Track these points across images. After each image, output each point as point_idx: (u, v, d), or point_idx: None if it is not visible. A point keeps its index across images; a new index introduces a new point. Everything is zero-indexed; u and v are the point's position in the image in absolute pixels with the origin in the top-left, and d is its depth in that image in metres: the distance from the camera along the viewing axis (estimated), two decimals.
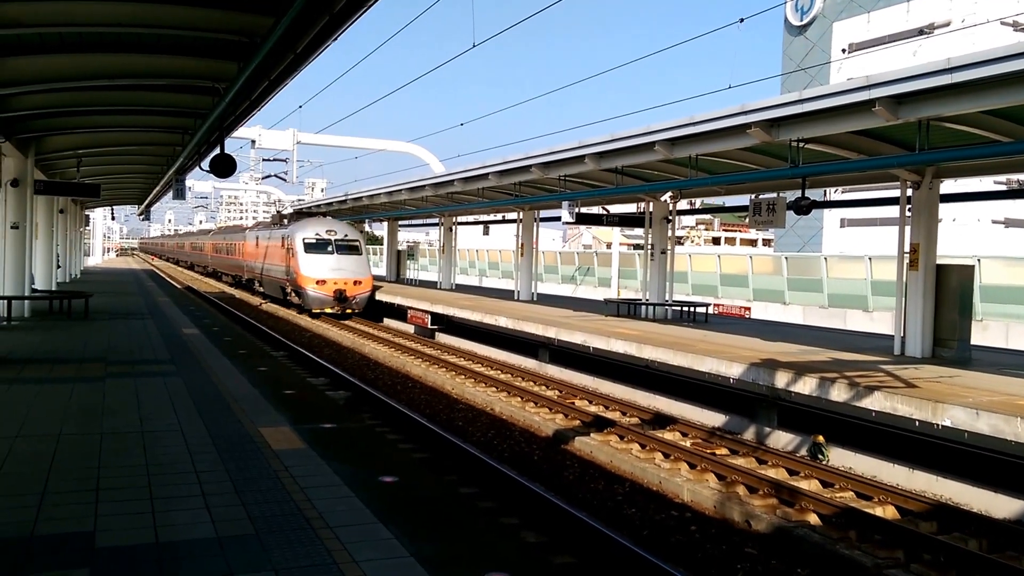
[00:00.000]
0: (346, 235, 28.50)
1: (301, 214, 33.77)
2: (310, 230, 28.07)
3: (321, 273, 26.78)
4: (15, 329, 14.67)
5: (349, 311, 26.91)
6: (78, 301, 17.73)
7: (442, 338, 22.79)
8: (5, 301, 15.76)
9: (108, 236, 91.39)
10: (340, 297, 26.57)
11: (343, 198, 33.26)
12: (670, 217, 19.58)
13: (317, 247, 27.51)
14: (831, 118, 11.02)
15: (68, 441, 6.70)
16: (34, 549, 4.40)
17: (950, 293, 12.61)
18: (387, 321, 27.48)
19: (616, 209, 23.99)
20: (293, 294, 28.36)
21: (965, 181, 19.31)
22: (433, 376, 16.30)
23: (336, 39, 8.86)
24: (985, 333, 19.99)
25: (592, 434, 11.38)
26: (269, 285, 32.58)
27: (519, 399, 14.04)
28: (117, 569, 4.17)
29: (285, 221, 32.87)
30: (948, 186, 14.66)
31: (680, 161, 15.20)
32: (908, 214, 12.98)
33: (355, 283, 27.06)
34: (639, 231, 22.92)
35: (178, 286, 38.31)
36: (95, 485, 5.53)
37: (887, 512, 8.41)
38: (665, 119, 13.91)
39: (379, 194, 29.23)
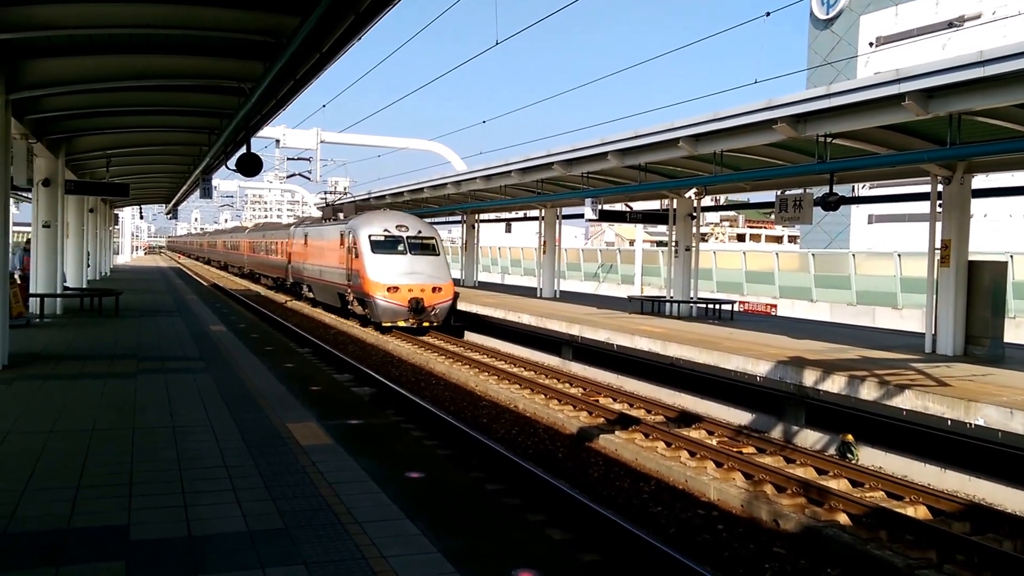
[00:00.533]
0: (420, 231, 23.61)
1: (361, 206, 28.95)
2: (376, 225, 23.23)
3: (392, 278, 21.86)
4: (48, 326, 14.91)
5: (426, 324, 22.10)
6: (108, 299, 17.99)
7: (465, 335, 22.83)
8: (38, 299, 16.02)
9: (136, 235, 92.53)
10: (416, 307, 21.56)
11: (366, 196, 33.44)
12: (694, 214, 19.46)
13: (386, 245, 22.64)
14: (859, 113, 10.90)
15: (101, 436, 6.80)
16: (71, 542, 4.47)
17: (982, 290, 12.42)
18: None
19: (639, 206, 23.89)
20: (355, 303, 23.83)
21: (997, 176, 19.01)
22: (457, 373, 16.34)
23: (360, 38, 8.91)
24: (1019, 331, 19.68)
25: (617, 432, 11.35)
26: (323, 291, 27.94)
27: (543, 396, 14.03)
28: (152, 562, 4.22)
29: (341, 215, 28.55)
30: (979, 181, 14.44)
31: (704, 157, 15.11)
32: (939, 210, 12.80)
33: (434, 290, 22.10)
34: (662, 228, 22.83)
35: (205, 284, 38.73)
36: (128, 479, 5.60)
37: (919, 512, 8.30)
38: (689, 115, 13.86)
39: (402, 192, 29.38)
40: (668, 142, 14.40)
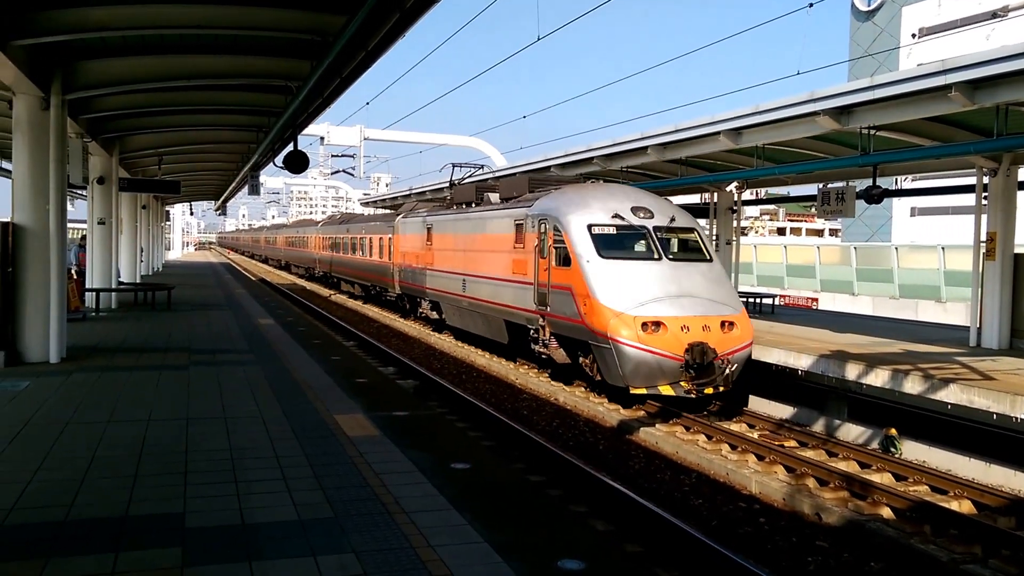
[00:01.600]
0: (672, 218, 13.24)
1: (537, 180, 16.64)
2: (598, 209, 13.06)
3: (648, 305, 11.70)
4: (104, 320, 15.40)
5: (709, 391, 11.61)
6: (161, 293, 18.47)
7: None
8: (94, 293, 16.54)
9: (187, 231, 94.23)
10: (700, 362, 11.31)
11: (407, 192, 33.73)
12: (735, 207, 19.32)
13: (623, 244, 12.83)
14: (904, 104, 10.78)
15: (156, 426, 7.06)
16: (129, 528, 4.68)
17: None
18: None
19: (679, 200, 23.75)
20: (554, 344, 13.67)
21: None
22: (496, 366, 16.46)
23: (404, 35, 9.06)
24: None
25: (657, 425, 11.38)
26: (467, 315, 17.86)
27: (583, 389, 14.09)
28: (207, 548, 4.40)
29: (495, 196, 17.63)
30: None
31: (745, 151, 15.02)
32: (984, 202, 12.58)
33: (724, 326, 11.77)
34: (703, 222, 22.66)
35: (253, 278, 39.46)
36: (183, 468, 5.83)
37: (963, 507, 8.22)
38: (730, 107, 13.79)
39: (443, 187, 29.55)
40: (708, 136, 14.34)
